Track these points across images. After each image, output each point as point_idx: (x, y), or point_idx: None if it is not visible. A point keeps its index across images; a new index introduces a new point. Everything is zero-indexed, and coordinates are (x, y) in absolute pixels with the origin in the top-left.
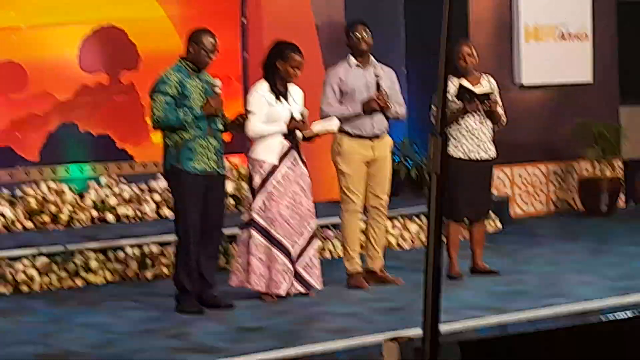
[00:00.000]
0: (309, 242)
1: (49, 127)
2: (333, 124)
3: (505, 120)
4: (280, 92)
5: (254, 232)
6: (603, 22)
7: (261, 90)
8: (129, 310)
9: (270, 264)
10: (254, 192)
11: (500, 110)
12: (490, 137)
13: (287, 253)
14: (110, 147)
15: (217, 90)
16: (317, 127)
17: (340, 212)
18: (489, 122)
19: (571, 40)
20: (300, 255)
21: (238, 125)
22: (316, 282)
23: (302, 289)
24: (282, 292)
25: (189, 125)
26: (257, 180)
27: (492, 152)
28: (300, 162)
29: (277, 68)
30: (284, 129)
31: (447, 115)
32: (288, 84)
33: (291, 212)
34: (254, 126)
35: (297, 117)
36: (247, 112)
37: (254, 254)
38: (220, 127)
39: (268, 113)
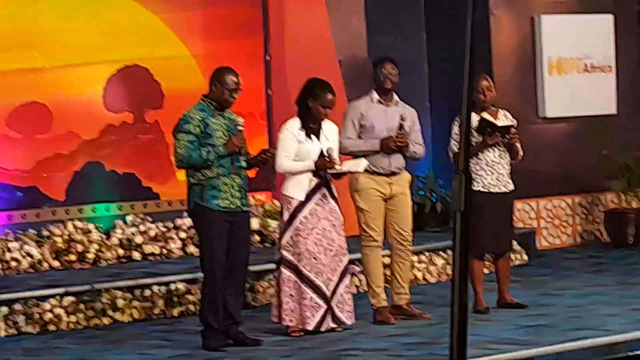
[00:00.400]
0: (340, 279)
1: (74, 167)
2: (360, 165)
3: (522, 154)
4: (311, 130)
5: (282, 268)
6: (626, 54)
7: (291, 127)
8: (155, 348)
9: (299, 299)
10: (284, 229)
11: (518, 144)
12: (509, 171)
13: (316, 289)
14: (136, 185)
15: (240, 127)
16: (344, 166)
17: (361, 248)
18: (507, 156)
19: (595, 72)
20: (334, 291)
21: (261, 161)
22: (347, 318)
23: (333, 325)
24: (311, 327)
25: (212, 163)
26: (285, 216)
27: (510, 186)
28: (330, 199)
29: (308, 106)
30: (312, 166)
31: (469, 151)
32: (322, 121)
33: (321, 249)
34: (281, 163)
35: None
36: (271, 150)
37: (283, 290)
38: (244, 164)
39: (298, 150)
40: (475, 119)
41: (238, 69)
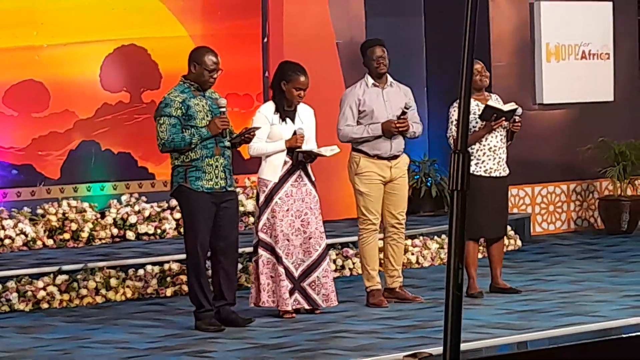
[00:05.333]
0: (317, 262)
1: (70, 145)
2: (329, 150)
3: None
4: (286, 113)
5: (261, 251)
6: (624, 41)
7: (265, 110)
8: (148, 327)
9: (278, 280)
10: (260, 211)
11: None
12: (506, 155)
13: (287, 270)
14: (132, 165)
15: (223, 109)
16: (316, 149)
17: (359, 231)
18: (505, 141)
19: (592, 59)
20: (308, 273)
21: (244, 140)
22: (322, 300)
23: (306, 306)
24: (288, 308)
25: (196, 146)
26: (261, 199)
27: (507, 170)
28: (307, 181)
29: (282, 89)
30: (282, 145)
31: (469, 134)
32: (297, 104)
33: (295, 231)
34: (252, 145)
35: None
36: (254, 128)
37: (263, 272)
38: (228, 144)
39: (270, 133)
40: (474, 104)
41: (236, 51)
